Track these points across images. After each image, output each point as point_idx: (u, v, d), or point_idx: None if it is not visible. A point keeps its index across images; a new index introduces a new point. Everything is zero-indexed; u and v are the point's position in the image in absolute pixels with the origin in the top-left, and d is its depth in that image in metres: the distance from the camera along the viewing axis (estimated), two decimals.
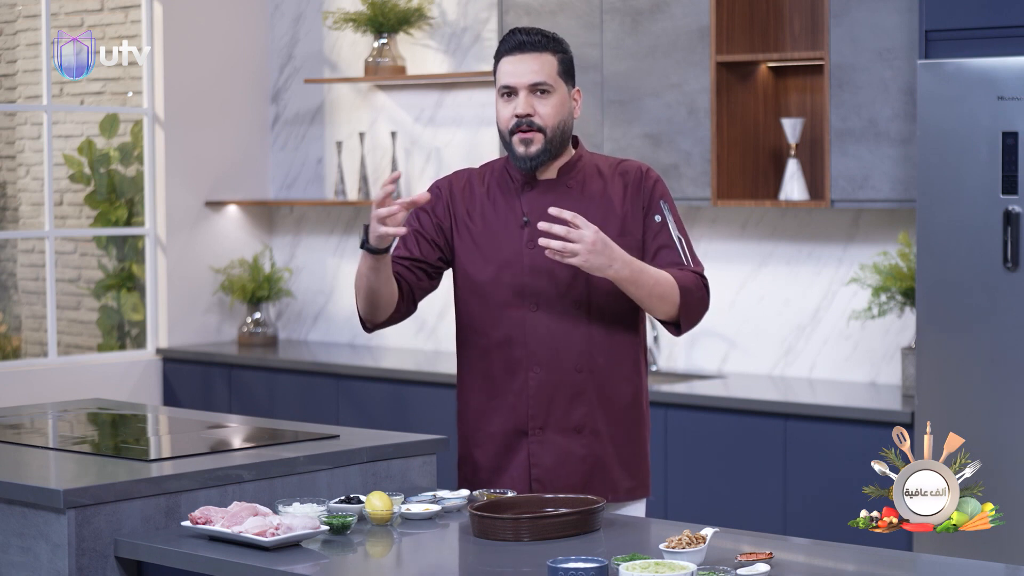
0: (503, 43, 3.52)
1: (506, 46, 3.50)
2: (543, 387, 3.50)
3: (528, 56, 3.47)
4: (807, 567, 2.94)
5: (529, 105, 3.46)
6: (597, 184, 3.56)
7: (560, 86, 3.50)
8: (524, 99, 3.46)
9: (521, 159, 3.49)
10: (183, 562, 3.04)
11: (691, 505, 5.50)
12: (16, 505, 3.22)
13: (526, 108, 3.46)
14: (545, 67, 3.47)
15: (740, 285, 6.10)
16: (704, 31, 5.73)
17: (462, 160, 6.82)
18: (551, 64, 3.49)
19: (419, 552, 3.15)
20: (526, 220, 3.52)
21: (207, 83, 7.30)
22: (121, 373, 7.10)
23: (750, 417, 5.40)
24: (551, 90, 3.48)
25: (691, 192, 5.79)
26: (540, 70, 3.47)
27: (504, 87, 3.49)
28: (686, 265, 3.53)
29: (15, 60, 7.91)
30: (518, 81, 3.47)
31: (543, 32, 3.51)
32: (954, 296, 4.84)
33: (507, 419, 3.53)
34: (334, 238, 7.37)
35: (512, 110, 3.48)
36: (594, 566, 2.70)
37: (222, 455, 3.56)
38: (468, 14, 6.85)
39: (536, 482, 3.52)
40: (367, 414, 6.40)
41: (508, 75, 3.48)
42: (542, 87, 3.47)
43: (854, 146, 5.41)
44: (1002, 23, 4.78)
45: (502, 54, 3.51)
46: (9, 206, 8.01)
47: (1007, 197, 4.73)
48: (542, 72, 3.47)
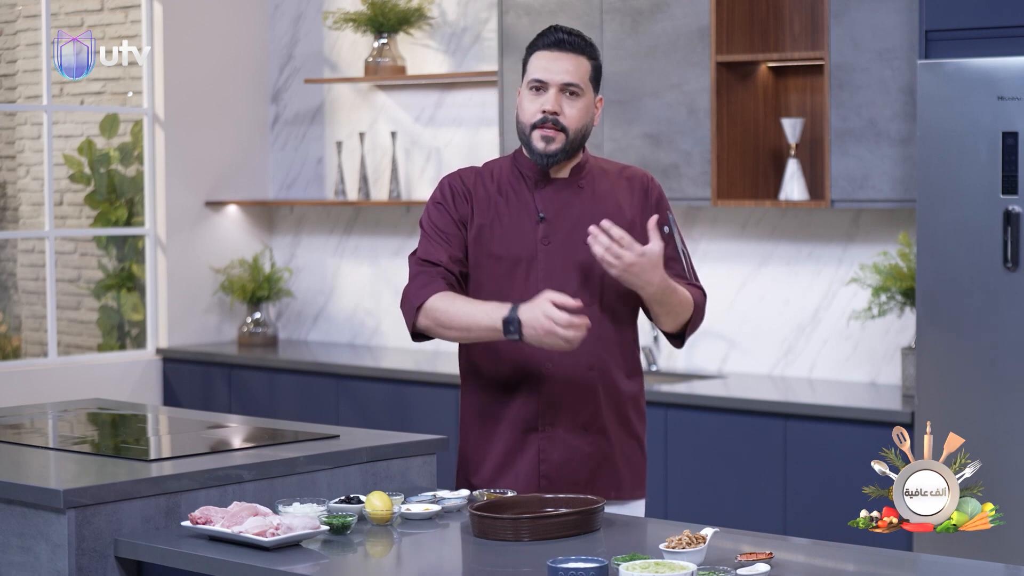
0: (541, 37, 3.51)
1: (544, 41, 3.50)
2: (554, 384, 3.51)
3: (565, 55, 3.47)
4: (807, 567, 2.94)
5: (558, 103, 3.46)
6: (605, 185, 3.58)
7: (588, 91, 3.50)
8: (554, 96, 3.46)
9: (539, 155, 3.49)
10: (183, 562, 3.05)
11: (691, 505, 5.50)
12: (16, 505, 3.22)
13: (555, 105, 3.46)
14: (580, 69, 3.48)
15: (740, 285, 6.10)
16: (704, 31, 5.73)
17: (462, 160, 6.82)
18: (585, 68, 3.49)
19: (419, 552, 3.15)
20: (542, 217, 3.53)
21: (207, 83, 7.30)
22: (121, 373, 7.10)
23: (750, 417, 5.40)
24: (580, 93, 3.48)
25: (691, 192, 5.79)
26: (574, 71, 3.47)
27: (536, 80, 3.48)
28: (689, 278, 3.59)
29: (15, 60, 7.91)
30: (551, 78, 3.47)
31: (582, 35, 3.52)
32: (954, 296, 4.84)
33: (518, 415, 3.53)
34: (334, 238, 7.37)
35: (540, 105, 3.47)
36: (594, 566, 2.70)
37: (222, 455, 3.56)
38: (468, 14, 6.85)
39: (544, 478, 3.52)
40: (367, 414, 6.40)
41: (542, 70, 3.48)
42: (573, 88, 3.47)
43: (854, 146, 5.42)
44: (1002, 23, 4.78)
45: (538, 48, 3.50)
46: (9, 206, 8.01)
47: (1007, 197, 4.73)
48: (576, 73, 3.47)
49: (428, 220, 3.56)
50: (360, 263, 7.27)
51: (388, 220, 7.17)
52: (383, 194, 7.11)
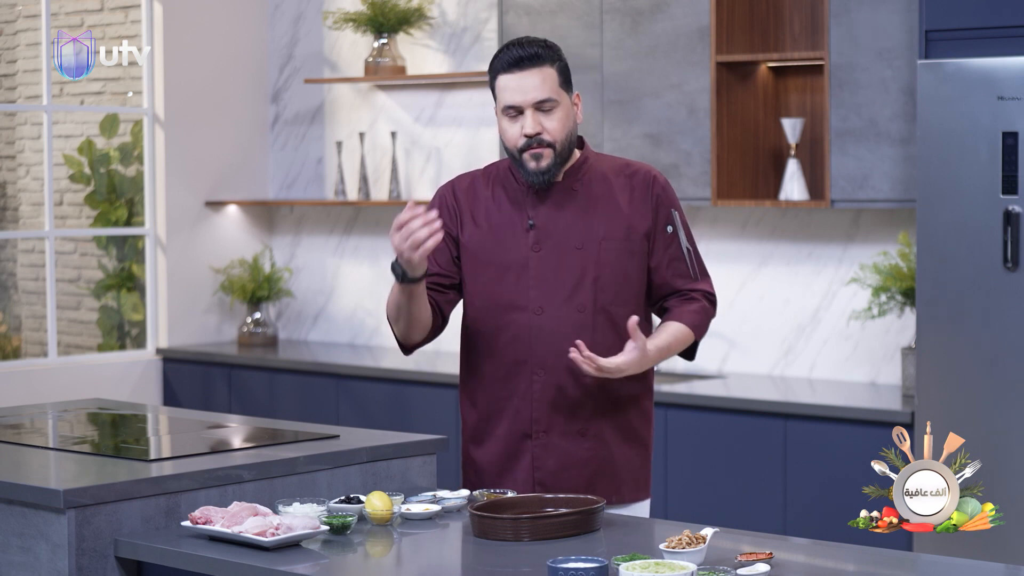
0: (499, 59, 3.45)
1: (503, 62, 3.43)
2: (547, 391, 3.50)
3: (528, 72, 3.41)
4: (807, 567, 2.94)
5: (537, 123, 3.42)
6: (602, 187, 3.54)
7: (563, 97, 3.45)
8: (531, 117, 3.41)
9: (534, 174, 3.46)
10: (183, 562, 3.04)
11: (691, 505, 5.50)
12: (16, 505, 3.22)
13: (534, 127, 3.42)
14: (547, 81, 3.42)
15: (740, 285, 6.10)
16: (704, 31, 5.73)
17: (462, 160, 6.82)
18: (552, 77, 3.43)
19: (419, 552, 3.15)
20: (531, 223, 3.52)
21: (207, 83, 7.30)
22: (121, 373, 7.10)
23: (750, 417, 5.40)
24: (556, 104, 3.43)
25: (691, 192, 5.79)
26: (543, 85, 3.41)
27: (509, 107, 3.43)
28: (693, 278, 3.59)
29: (15, 60, 7.91)
30: (523, 99, 3.41)
31: (537, 42, 3.45)
32: (954, 296, 4.84)
33: (511, 422, 3.52)
34: (334, 238, 7.37)
35: (520, 130, 3.43)
36: (594, 566, 2.70)
37: (222, 455, 3.56)
38: (468, 14, 6.85)
39: (540, 485, 3.51)
40: (367, 414, 6.40)
41: (511, 93, 3.42)
42: (547, 103, 3.42)
43: (854, 146, 5.42)
44: (1002, 23, 4.78)
45: (499, 71, 3.44)
46: (9, 206, 8.01)
47: (1007, 197, 4.73)
48: (545, 87, 3.41)
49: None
50: (360, 263, 7.27)
51: (388, 220, 7.17)
52: (383, 194, 7.11)
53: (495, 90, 3.48)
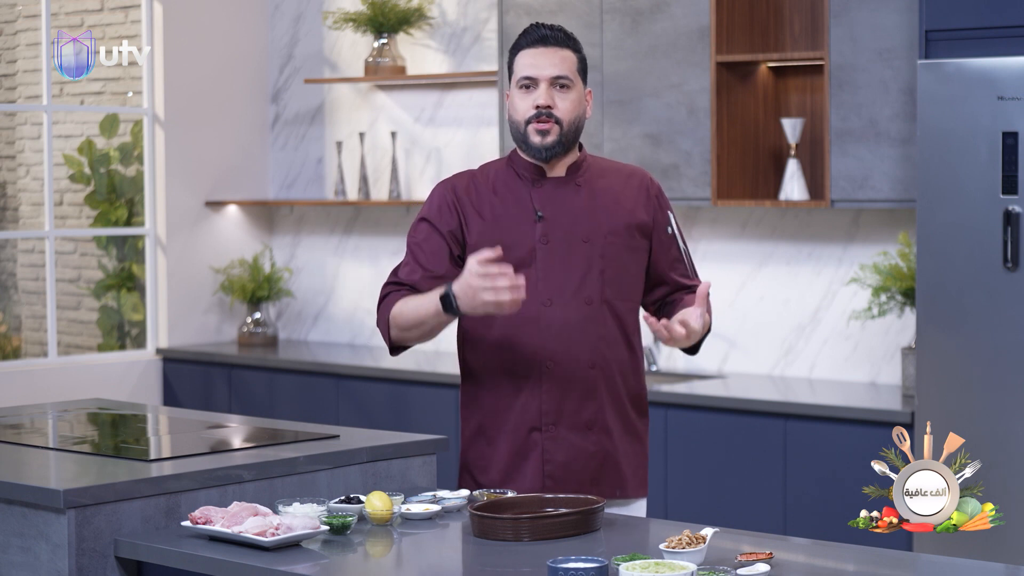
0: (524, 36, 3.54)
1: (528, 39, 3.53)
2: (556, 383, 3.51)
3: (550, 50, 3.50)
4: (807, 567, 2.94)
5: (550, 97, 3.49)
6: (604, 183, 3.58)
7: (578, 82, 3.53)
8: (545, 91, 3.49)
9: (536, 149, 3.50)
10: (183, 562, 3.05)
11: (691, 505, 5.50)
12: (16, 505, 3.22)
13: (547, 100, 3.48)
14: (567, 62, 3.51)
15: (740, 285, 6.10)
16: (704, 31, 5.73)
17: (462, 160, 6.82)
18: (571, 60, 3.52)
19: (419, 552, 3.15)
20: (540, 215, 3.53)
21: (207, 83, 7.30)
22: (121, 373, 7.10)
23: (750, 417, 5.40)
24: (571, 85, 3.51)
25: (691, 192, 5.79)
26: (562, 64, 3.50)
27: (525, 78, 3.50)
28: (692, 277, 3.63)
29: (15, 60, 7.91)
30: (540, 73, 3.49)
31: (564, 29, 3.55)
32: (954, 296, 4.84)
33: (520, 416, 3.52)
34: (334, 238, 7.37)
35: (532, 101, 3.49)
36: (594, 566, 2.70)
37: (222, 455, 3.56)
38: (468, 14, 6.85)
39: (549, 478, 3.51)
40: (367, 414, 6.40)
41: (529, 67, 3.50)
42: (563, 81, 3.50)
43: (854, 146, 5.42)
44: (1002, 23, 4.78)
45: (522, 46, 3.53)
46: (9, 206, 8.01)
47: (1007, 197, 4.73)
48: (563, 66, 3.50)
49: (411, 236, 3.59)
50: (360, 263, 7.27)
51: (388, 220, 7.17)
52: (383, 194, 7.11)
53: (512, 66, 3.55)
